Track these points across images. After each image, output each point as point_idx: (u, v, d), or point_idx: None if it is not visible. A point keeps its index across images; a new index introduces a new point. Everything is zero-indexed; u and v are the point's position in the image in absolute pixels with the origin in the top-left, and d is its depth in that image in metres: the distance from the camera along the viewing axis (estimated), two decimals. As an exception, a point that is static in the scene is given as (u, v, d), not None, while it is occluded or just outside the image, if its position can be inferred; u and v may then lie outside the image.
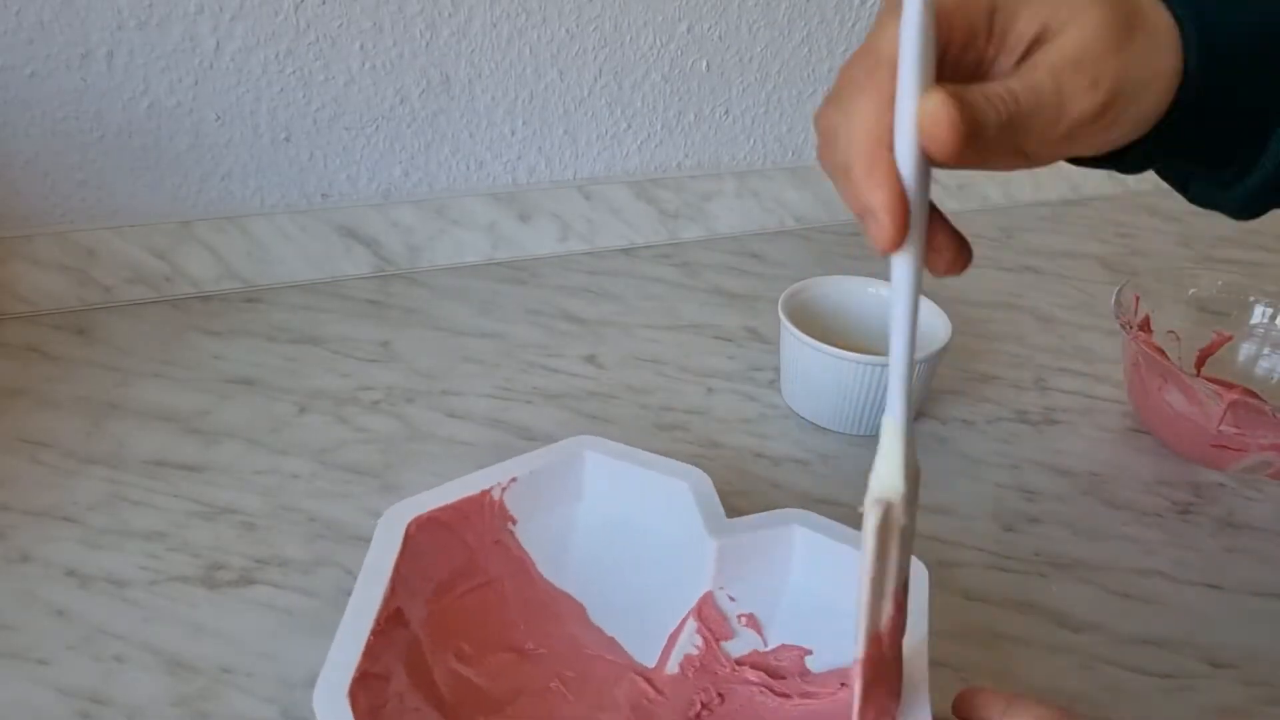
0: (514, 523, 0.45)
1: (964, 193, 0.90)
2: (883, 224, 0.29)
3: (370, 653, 0.36)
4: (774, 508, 0.54)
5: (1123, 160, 0.35)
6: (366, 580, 0.39)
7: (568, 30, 0.73)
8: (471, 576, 0.43)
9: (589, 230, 0.79)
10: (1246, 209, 0.36)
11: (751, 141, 0.84)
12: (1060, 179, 0.95)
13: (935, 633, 0.46)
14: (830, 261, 0.79)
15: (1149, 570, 0.51)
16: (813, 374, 0.59)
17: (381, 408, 0.59)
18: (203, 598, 0.46)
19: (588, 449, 0.46)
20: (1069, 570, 0.51)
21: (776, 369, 0.64)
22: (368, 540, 0.49)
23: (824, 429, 0.60)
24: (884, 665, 0.34)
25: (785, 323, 0.59)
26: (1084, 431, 0.62)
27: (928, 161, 0.29)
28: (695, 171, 0.83)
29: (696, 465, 0.56)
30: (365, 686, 0.36)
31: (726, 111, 0.82)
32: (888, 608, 0.33)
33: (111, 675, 0.42)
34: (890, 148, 0.29)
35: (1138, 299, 0.63)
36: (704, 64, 0.79)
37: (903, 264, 0.30)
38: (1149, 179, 0.97)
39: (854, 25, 0.82)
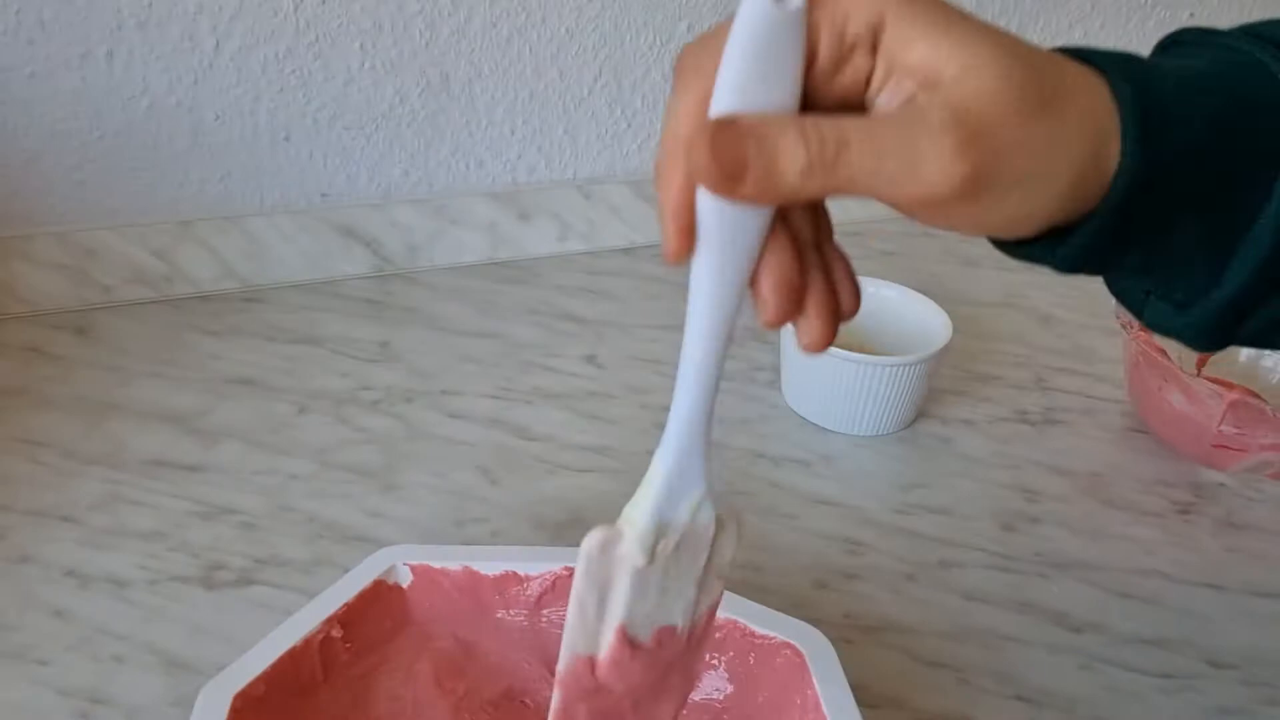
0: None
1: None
2: (664, 231, 0.26)
3: None
4: (775, 509, 0.54)
5: (1052, 255, 0.29)
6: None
7: (567, 29, 0.73)
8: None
9: (589, 230, 0.79)
10: (1204, 337, 0.30)
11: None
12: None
13: (935, 634, 0.47)
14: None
15: (1149, 570, 0.51)
16: (813, 373, 0.59)
17: (381, 408, 0.59)
18: (202, 598, 0.46)
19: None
20: (1069, 570, 0.51)
21: (777, 369, 0.64)
22: (367, 541, 0.50)
23: (825, 429, 0.60)
24: (594, 691, 0.31)
25: (785, 322, 0.59)
26: (1084, 431, 0.62)
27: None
28: (695, 171, 0.82)
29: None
30: None
31: (726, 111, 0.81)
32: (607, 636, 0.30)
33: (111, 675, 0.42)
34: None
35: None
36: (704, 63, 0.78)
37: (700, 284, 0.27)
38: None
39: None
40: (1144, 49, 0.32)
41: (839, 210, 0.28)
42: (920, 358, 0.57)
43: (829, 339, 0.28)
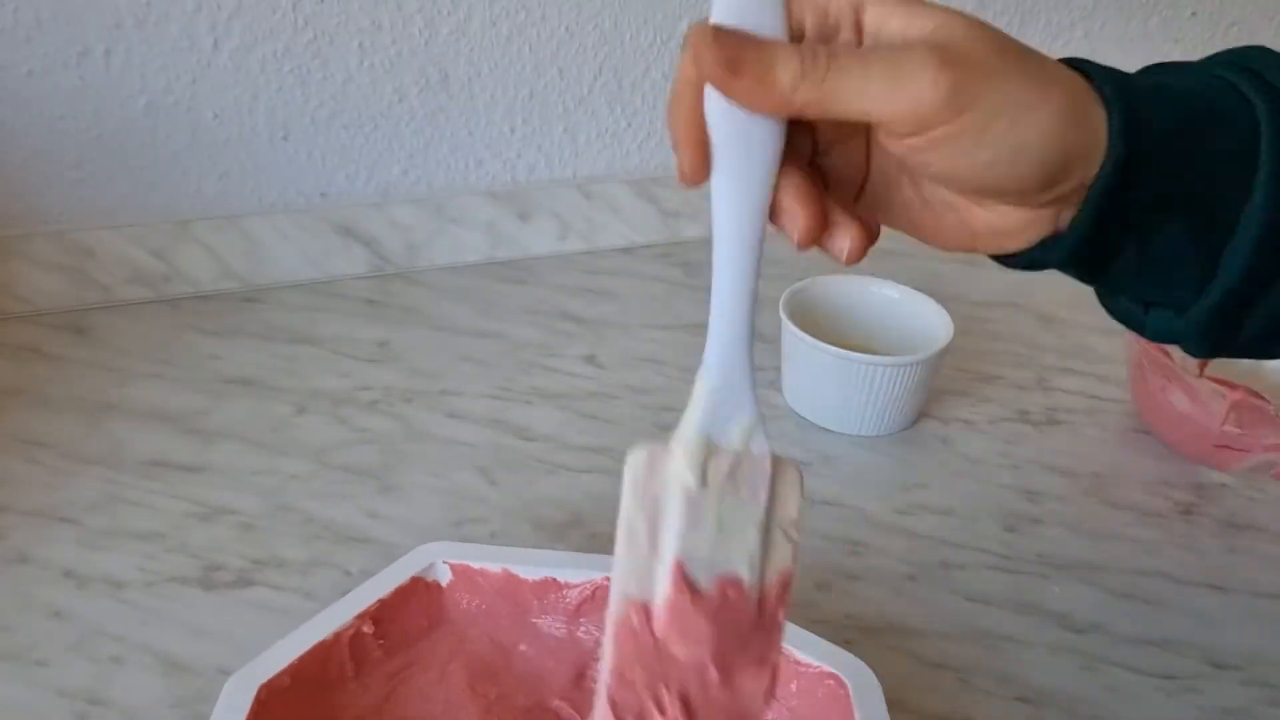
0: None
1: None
2: (680, 154, 0.29)
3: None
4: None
5: (1050, 251, 0.30)
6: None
7: (567, 28, 0.73)
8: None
9: (589, 229, 0.78)
10: (1206, 340, 0.31)
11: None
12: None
13: (937, 635, 0.46)
14: (830, 261, 0.78)
15: (1151, 571, 0.51)
16: (814, 373, 0.58)
17: (380, 408, 0.59)
18: (200, 599, 0.46)
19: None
20: (1071, 571, 0.51)
21: (777, 369, 0.64)
22: (366, 541, 0.50)
23: (825, 429, 0.60)
24: (652, 651, 0.28)
25: (786, 322, 0.59)
26: (1086, 432, 0.61)
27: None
28: (695, 170, 0.82)
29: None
30: None
31: (727, 110, 0.81)
32: (662, 576, 0.28)
33: (109, 676, 0.42)
34: (694, 85, 0.28)
35: None
36: (704, 62, 0.78)
37: (720, 199, 0.28)
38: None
39: (855, 23, 0.81)
40: (1145, 47, 0.32)
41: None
42: (921, 358, 0.57)
43: (865, 244, 0.30)
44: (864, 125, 0.30)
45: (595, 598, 0.40)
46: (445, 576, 0.41)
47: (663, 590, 0.28)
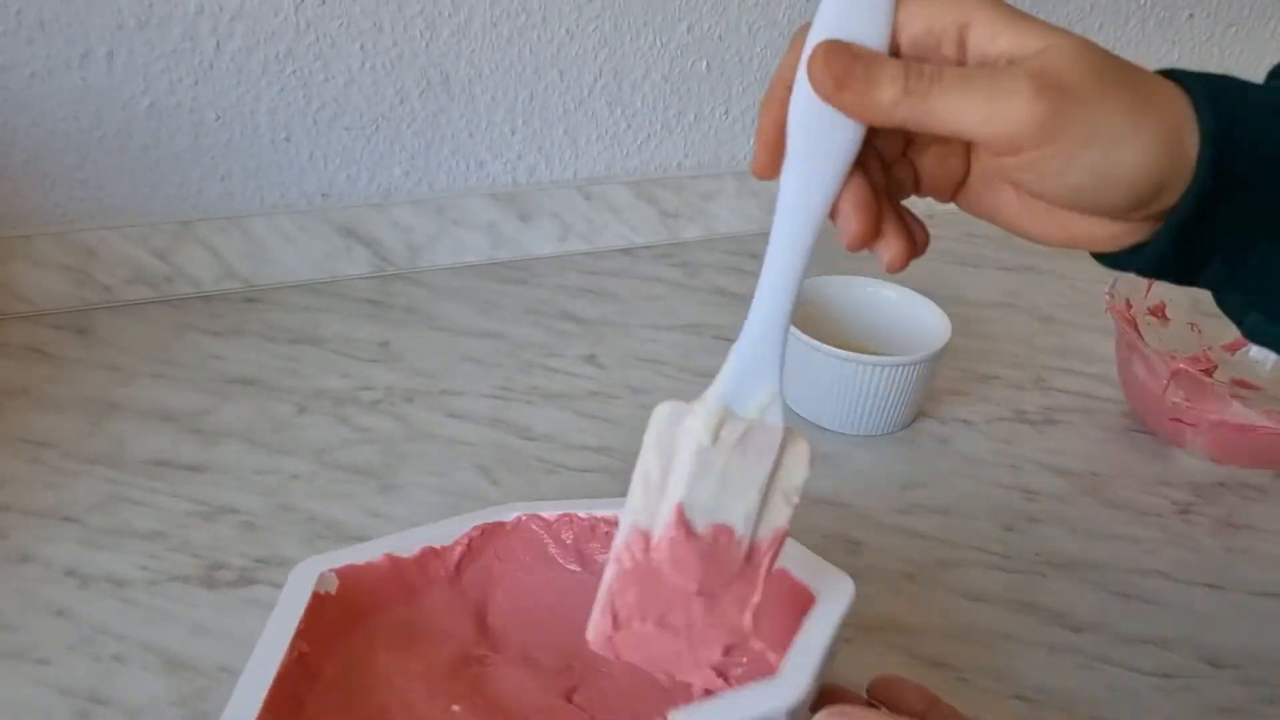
0: None
1: (964, 192, 0.90)
2: (755, 149, 0.31)
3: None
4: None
5: (1139, 256, 0.31)
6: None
7: (567, 30, 0.73)
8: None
9: (589, 230, 0.79)
10: None
11: (751, 141, 0.84)
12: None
13: (935, 633, 0.47)
14: (830, 261, 0.79)
15: (1149, 570, 0.51)
16: (813, 374, 0.59)
17: (381, 408, 0.59)
18: (202, 598, 0.46)
19: None
20: (1069, 570, 0.51)
21: (776, 369, 0.64)
22: (368, 540, 0.50)
23: (824, 429, 0.60)
24: (647, 574, 0.33)
25: (785, 323, 0.59)
26: (1084, 431, 0.62)
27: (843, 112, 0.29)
28: (695, 171, 0.83)
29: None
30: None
31: (726, 111, 0.82)
32: (665, 511, 0.32)
33: (111, 675, 0.42)
34: (788, 86, 0.30)
35: (1150, 285, 0.64)
36: (704, 64, 0.79)
37: (787, 194, 0.30)
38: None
39: (854, 25, 0.82)
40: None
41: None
42: (920, 358, 0.57)
43: (907, 257, 0.32)
44: None
45: (471, 549, 0.43)
46: (333, 584, 0.40)
47: (663, 525, 0.32)
